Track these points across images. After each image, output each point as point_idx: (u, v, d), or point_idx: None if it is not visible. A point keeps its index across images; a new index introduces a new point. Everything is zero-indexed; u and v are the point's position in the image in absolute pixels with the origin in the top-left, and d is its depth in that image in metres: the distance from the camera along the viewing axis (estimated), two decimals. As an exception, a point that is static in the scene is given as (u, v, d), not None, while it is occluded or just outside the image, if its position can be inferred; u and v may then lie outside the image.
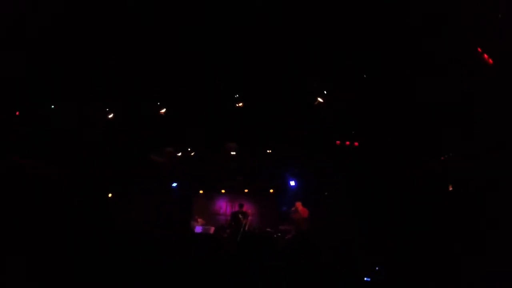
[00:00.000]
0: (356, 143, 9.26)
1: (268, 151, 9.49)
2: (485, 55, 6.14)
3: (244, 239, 10.29)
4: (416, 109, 7.42)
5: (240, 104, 7.59)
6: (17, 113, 7.14)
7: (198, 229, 11.40)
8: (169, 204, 11.53)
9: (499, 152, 6.12)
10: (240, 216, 11.05)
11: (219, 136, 8.63)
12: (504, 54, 5.85)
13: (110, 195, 9.35)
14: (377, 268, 6.74)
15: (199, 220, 12.07)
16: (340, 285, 4.42)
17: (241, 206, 11.50)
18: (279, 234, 11.02)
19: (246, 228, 10.82)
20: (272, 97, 7.56)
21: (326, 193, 10.66)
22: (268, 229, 11.70)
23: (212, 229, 11.64)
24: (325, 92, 7.80)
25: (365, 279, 6.46)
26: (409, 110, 7.55)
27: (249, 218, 11.22)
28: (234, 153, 9.56)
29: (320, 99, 7.72)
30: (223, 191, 13.36)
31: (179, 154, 9.64)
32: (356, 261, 7.62)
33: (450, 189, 7.57)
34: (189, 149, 9.43)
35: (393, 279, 6.47)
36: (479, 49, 6.16)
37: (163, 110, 7.80)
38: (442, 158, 8.00)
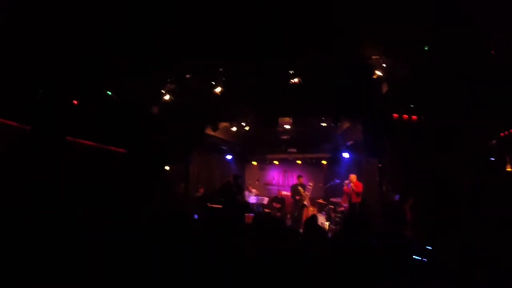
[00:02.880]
0: (414, 117, 8.92)
1: (323, 124, 9.37)
2: None
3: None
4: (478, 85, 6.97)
5: (296, 80, 7.49)
6: (75, 102, 7.44)
7: (253, 199, 11.81)
8: (224, 176, 11.94)
9: None
10: (299, 188, 11.19)
11: (274, 111, 8.64)
12: None
13: (167, 168, 9.79)
14: (428, 248, 6.61)
15: (253, 190, 12.45)
16: (389, 263, 4.35)
17: (299, 177, 11.47)
18: (331, 206, 11.11)
19: (306, 202, 10.96)
20: (327, 71, 7.39)
21: (379, 165, 10.44)
22: (320, 201, 11.85)
23: (265, 200, 12.00)
24: (384, 65, 7.48)
25: (415, 257, 6.38)
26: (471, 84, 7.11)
27: (308, 190, 11.33)
28: (288, 126, 9.58)
29: (378, 73, 7.42)
30: (276, 162, 13.60)
31: (234, 128, 9.81)
32: (406, 240, 7.53)
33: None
34: (243, 124, 9.56)
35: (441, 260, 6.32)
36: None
37: (219, 90, 7.90)
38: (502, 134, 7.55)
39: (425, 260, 6.15)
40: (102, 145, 8.18)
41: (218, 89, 7.90)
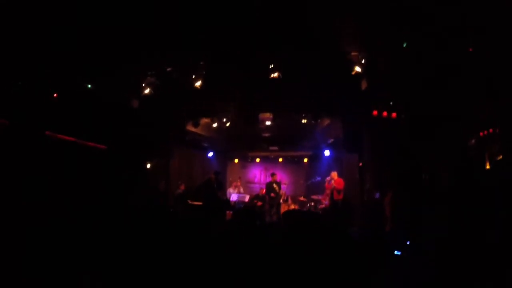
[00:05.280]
0: (394, 114, 9.04)
1: (303, 121, 9.41)
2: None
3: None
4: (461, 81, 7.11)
5: (276, 75, 7.50)
6: (55, 94, 7.30)
7: (234, 196, 11.77)
8: (206, 173, 11.87)
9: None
10: (274, 185, 11.23)
11: (254, 107, 8.65)
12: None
13: (148, 165, 9.69)
14: (408, 243, 6.69)
15: (238, 185, 12.37)
16: (369, 257, 4.34)
17: (273, 175, 11.48)
18: (312, 203, 11.18)
19: (281, 199, 11.00)
20: (307, 67, 7.44)
21: (361, 164, 10.56)
22: (301, 198, 11.91)
23: (247, 197, 11.98)
24: (363, 61, 7.56)
25: (396, 252, 6.44)
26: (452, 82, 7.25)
27: (284, 187, 11.36)
28: (268, 123, 9.60)
29: (358, 69, 7.50)
30: (257, 160, 13.61)
31: (215, 125, 9.78)
32: (387, 234, 7.60)
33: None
34: (224, 120, 9.53)
35: (424, 255, 6.40)
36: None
37: (199, 83, 7.85)
38: (481, 134, 7.72)
39: (404, 253, 6.26)
40: (82, 140, 8.03)
41: (198, 83, 7.85)
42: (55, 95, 7.28)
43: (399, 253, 6.20)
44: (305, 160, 13.01)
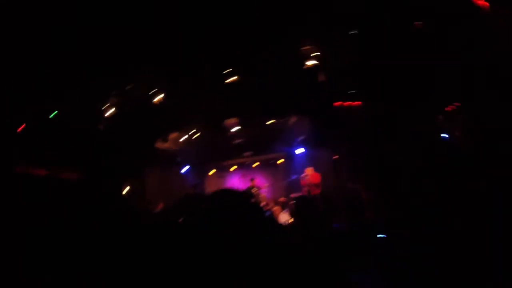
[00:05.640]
0: (357, 103, 9.23)
1: (269, 122, 9.51)
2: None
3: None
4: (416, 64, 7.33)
5: (233, 79, 7.59)
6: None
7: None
8: (183, 188, 11.79)
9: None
10: (253, 191, 11.24)
11: (218, 114, 8.70)
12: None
13: (126, 190, 9.57)
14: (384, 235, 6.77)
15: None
16: (352, 246, 4.38)
17: (252, 180, 11.53)
18: (293, 202, 11.20)
19: (262, 203, 11.03)
20: (263, 68, 7.55)
21: (334, 157, 10.71)
22: (282, 199, 11.93)
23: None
24: (317, 54, 7.72)
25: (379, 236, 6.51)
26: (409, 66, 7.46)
27: (263, 191, 11.41)
28: (236, 128, 9.65)
29: (312, 62, 7.65)
30: (234, 168, 13.59)
31: (184, 138, 9.77)
32: (367, 220, 7.69)
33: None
34: (192, 132, 9.54)
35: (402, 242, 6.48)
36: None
37: (159, 97, 7.86)
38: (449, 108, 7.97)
39: (387, 237, 6.34)
40: (54, 172, 7.86)
41: (160, 97, 7.86)
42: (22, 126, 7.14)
43: (383, 236, 6.30)
44: (281, 161, 13.08)
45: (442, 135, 8.36)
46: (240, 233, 1.95)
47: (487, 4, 5.97)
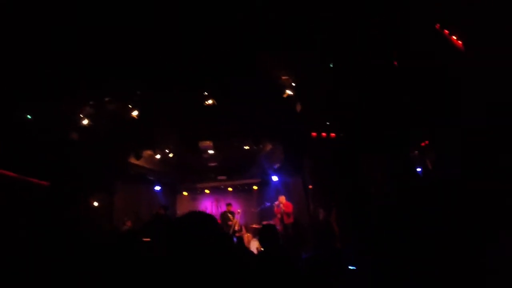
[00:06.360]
0: (333, 134, 9.37)
1: (245, 147, 9.54)
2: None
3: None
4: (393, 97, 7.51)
5: (210, 102, 7.61)
6: None
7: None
8: (153, 208, 11.56)
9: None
10: (229, 215, 11.16)
11: (194, 136, 8.66)
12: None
13: (96, 204, 9.30)
14: (361, 259, 6.78)
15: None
16: (325, 273, 4.35)
17: (228, 205, 11.50)
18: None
19: (236, 228, 10.92)
20: (242, 93, 7.61)
21: (310, 187, 10.76)
22: (253, 226, 11.84)
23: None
24: (293, 84, 7.85)
25: (350, 267, 6.48)
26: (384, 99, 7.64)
27: (237, 216, 11.32)
28: (211, 151, 9.62)
29: (289, 92, 7.78)
30: (207, 191, 13.48)
31: (158, 156, 9.65)
32: (340, 252, 7.68)
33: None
34: (167, 151, 9.44)
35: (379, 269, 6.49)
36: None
37: (135, 113, 7.80)
38: (423, 144, 8.15)
39: (356, 268, 6.33)
40: (23, 176, 7.60)
41: (135, 113, 7.79)
42: None
43: (353, 268, 6.29)
44: (255, 187, 13.07)
45: (415, 168, 8.53)
46: (206, 258, 1.86)
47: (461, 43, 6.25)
